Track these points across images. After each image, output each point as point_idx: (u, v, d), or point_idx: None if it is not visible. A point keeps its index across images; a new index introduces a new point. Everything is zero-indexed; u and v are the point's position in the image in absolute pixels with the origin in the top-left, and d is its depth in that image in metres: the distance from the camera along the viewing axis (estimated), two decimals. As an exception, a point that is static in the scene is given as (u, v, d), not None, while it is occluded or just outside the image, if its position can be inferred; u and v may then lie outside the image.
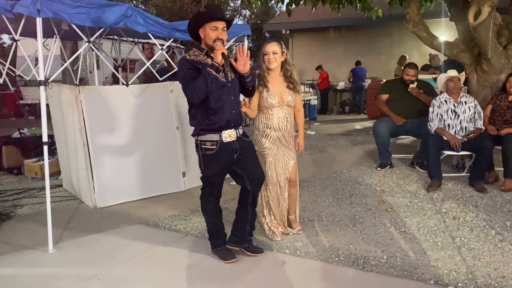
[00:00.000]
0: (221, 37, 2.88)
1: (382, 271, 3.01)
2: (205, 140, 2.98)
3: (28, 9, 3.27)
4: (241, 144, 3.06)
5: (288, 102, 3.42)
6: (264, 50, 3.35)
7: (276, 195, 3.50)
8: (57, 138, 5.25)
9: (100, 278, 2.98)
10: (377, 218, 3.99)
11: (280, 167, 3.46)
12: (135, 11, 3.92)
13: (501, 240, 3.45)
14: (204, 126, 2.97)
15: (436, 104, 4.99)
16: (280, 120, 3.41)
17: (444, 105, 4.94)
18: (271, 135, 3.41)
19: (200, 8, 24.42)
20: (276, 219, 3.55)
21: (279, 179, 3.47)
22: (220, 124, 2.95)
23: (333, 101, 13.61)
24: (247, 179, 3.12)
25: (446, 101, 4.96)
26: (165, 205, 4.50)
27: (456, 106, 4.90)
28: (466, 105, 4.90)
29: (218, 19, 2.89)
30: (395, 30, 11.64)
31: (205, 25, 2.91)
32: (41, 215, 4.12)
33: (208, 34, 2.90)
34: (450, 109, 4.91)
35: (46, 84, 3.42)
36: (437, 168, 4.75)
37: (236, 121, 3.04)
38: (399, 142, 7.22)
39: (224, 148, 2.98)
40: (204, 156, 3.02)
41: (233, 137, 3.01)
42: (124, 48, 6.36)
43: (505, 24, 5.42)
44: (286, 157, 3.47)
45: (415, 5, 5.83)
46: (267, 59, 3.34)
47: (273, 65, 3.35)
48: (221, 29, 2.90)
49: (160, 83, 4.96)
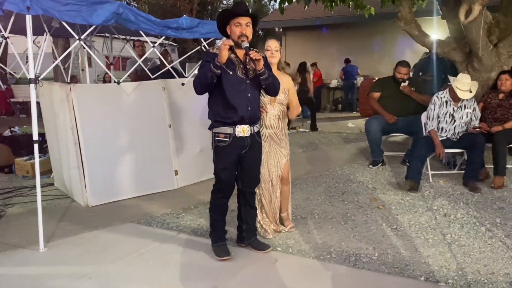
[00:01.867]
0: (245, 33, 2.89)
1: (374, 268, 3.02)
2: (219, 132, 3.02)
3: (17, 6, 3.24)
4: (252, 142, 3.08)
5: (280, 100, 3.43)
6: (267, 46, 3.38)
7: (268, 193, 3.51)
8: (49, 137, 5.22)
9: (91, 276, 2.97)
10: (369, 215, 4.01)
11: (272, 165, 3.47)
12: (126, 9, 3.90)
13: (491, 236, 3.48)
14: (218, 119, 3.01)
15: (438, 102, 4.89)
16: (271, 118, 3.42)
17: (444, 107, 4.85)
18: (262, 133, 3.41)
19: (193, 5, 24.35)
20: (268, 217, 3.56)
21: (271, 177, 3.48)
22: (234, 119, 2.98)
23: (326, 99, 13.63)
24: (240, 177, 3.16)
25: (447, 102, 4.86)
26: (158, 203, 4.49)
27: (455, 110, 4.83)
28: (465, 110, 4.82)
29: (240, 15, 2.90)
30: (387, 28, 11.67)
31: (230, 21, 2.94)
32: (32, 214, 4.08)
33: (233, 30, 2.93)
34: (449, 113, 4.84)
35: (36, 82, 3.39)
36: (419, 170, 4.72)
37: (252, 118, 3.05)
38: (391, 139, 7.26)
39: (236, 142, 3.01)
40: (216, 148, 3.06)
41: (247, 133, 3.03)
42: (116, 45, 6.33)
43: (496, 23, 5.46)
44: (278, 155, 3.48)
45: (407, 3, 5.85)
46: (270, 54, 3.37)
47: (274, 60, 3.39)
48: (245, 25, 2.91)
49: (152, 81, 4.94)
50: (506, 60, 5.44)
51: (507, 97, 5.00)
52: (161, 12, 22.53)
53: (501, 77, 5.03)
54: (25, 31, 3.34)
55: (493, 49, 5.38)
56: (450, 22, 5.87)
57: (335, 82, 13.40)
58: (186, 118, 5.04)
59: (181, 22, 4.46)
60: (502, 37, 5.48)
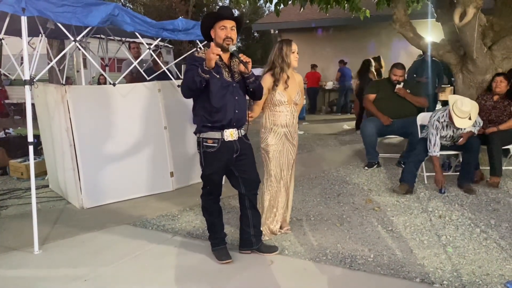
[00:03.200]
0: (230, 36, 2.91)
1: (369, 269, 3.03)
2: (206, 138, 3.00)
3: (13, 8, 3.23)
4: (242, 145, 3.08)
5: (296, 101, 3.51)
6: (292, 48, 3.44)
7: (280, 191, 3.54)
8: (43, 138, 5.20)
9: (87, 279, 2.95)
10: (365, 217, 4.02)
11: (284, 164, 3.53)
12: (122, 10, 3.90)
13: (486, 238, 3.50)
14: (206, 123, 2.99)
15: (440, 126, 4.63)
16: (287, 117, 3.47)
17: (444, 131, 4.68)
18: (278, 132, 3.46)
19: (188, 7, 24.35)
20: (268, 217, 3.55)
21: (282, 175, 3.53)
22: (223, 122, 2.97)
23: (321, 101, 13.66)
24: (242, 182, 3.14)
25: (447, 126, 4.64)
26: (153, 205, 4.48)
27: (455, 132, 4.68)
28: (465, 130, 4.63)
29: (225, 18, 2.92)
30: (382, 30, 11.72)
31: (214, 25, 2.95)
32: (27, 216, 4.06)
33: (218, 33, 2.94)
34: (449, 135, 4.72)
35: (31, 83, 3.38)
36: (414, 174, 4.73)
37: (239, 121, 3.05)
38: (386, 141, 7.28)
39: (225, 146, 3.00)
40: (205, 154, 3.03)
41: (235, 136, 3.03)
42: (112, 47, 6.31)
43: (490, 25, 5.49)
44: (290, 153, 3.56)
45: (402, 6, 5.87)
46: (295, 57, 3.44)
47: (296, 63, 3.47)
48: (230, 28, 2.93)
49: (148, 83, 4.92)
50: (500, 63, 5.47)
51: (501, 99, 5.03)
52: (156, 14, 22.52)
53: (495, 80, 5.06)
54: (20, 33, 3.33)
55: (487, 51, 5.41)
56: (444, 24, 5.91)
57: (330, 84, 13.44)
58: (182, 119, 5.03)
59: (177, 23, 4.46)
60: (496, 40, 5.52)
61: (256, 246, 3.27)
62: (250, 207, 3.22)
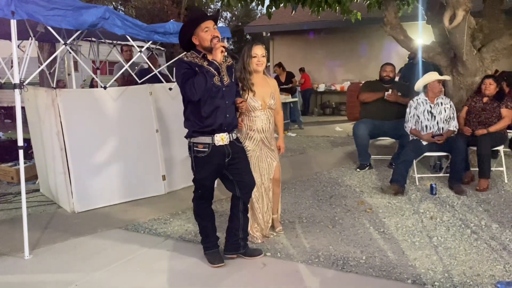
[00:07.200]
0: (216, 35, 2.90)
1: (361, 271, 3.04)
2: (197, 143, 2.98)
3: (2, 11, 3.20)
4: (234, 149, 3.06)
5: (270, 105, 3.46)
6: (253, 53, 3.35)
7: (261, 196, 3.51)
8: (34, 142, 5.15)
9: (78, 284, 2.93)
10: (357, 219, 4.04)
11: (264, 168, 3.49)
12: (112, 13, 3.88)
13: (476, 239, 3.53)
14: (196, 128, 2.97)
15: (413, 105, 5.10)
16: (263, 122, 3.43)
17: (421, 106, 5.04)
18: (254, 137, 3.42)
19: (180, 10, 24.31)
20: (258, 222, 3.54)
21: (263, 180, 3.49)
22: (213, 127, 2.95)
23: (314, 103, 13.71)
24: (236, 185, 3.12)
25: (423, 102, 5.06)
26: (145, 209, 4.46)
27: (432, 107, 5.00)
28: (442, 106, 5.00)
29: (208, 19, 2.91)
30: (373, 33, 11.79)
31: (196, 30, 2.91)
32: (17, 221, 4.03)
33: (202, 37, 2.90)
34: (427, 110, 5.01)
35: (21, 87, 3.35)
36: (404, 174, 4.76)
37: (230, 125, 3.04)
38: (378, 143, 7.32)
39: (216, 151, 2.98)
40: (196, 159, 3.02)
41: (226, 140, 3.01)
42: (103, 50, 6.29)
43: (479, 28, 5.56)
44: (269, 157, 3.51)
45: (392, 9, 5.92)
46: (256, 61, 3.36)
47: (261, 68, 3.40)
48: (213, 28, 2.92)
49: (139, 86, 4.91)
50: (490, 65, 5.54)
51: (491, 101, 5.08)
52: (148, 16, 22.43)
53: (485, 82, 5.11)
54: (10, 36, 3.30)
55: (477, 53, 5.47)
56: (435, 27, 5.96)
57: (323, 86, 13.50)
58: (174, 123, 5.01)
59: (168, 26, 4.45)
60: (485, 42, 5.59)
61: (243, 250, 3.26)
62: (243, 210, 3.22)
